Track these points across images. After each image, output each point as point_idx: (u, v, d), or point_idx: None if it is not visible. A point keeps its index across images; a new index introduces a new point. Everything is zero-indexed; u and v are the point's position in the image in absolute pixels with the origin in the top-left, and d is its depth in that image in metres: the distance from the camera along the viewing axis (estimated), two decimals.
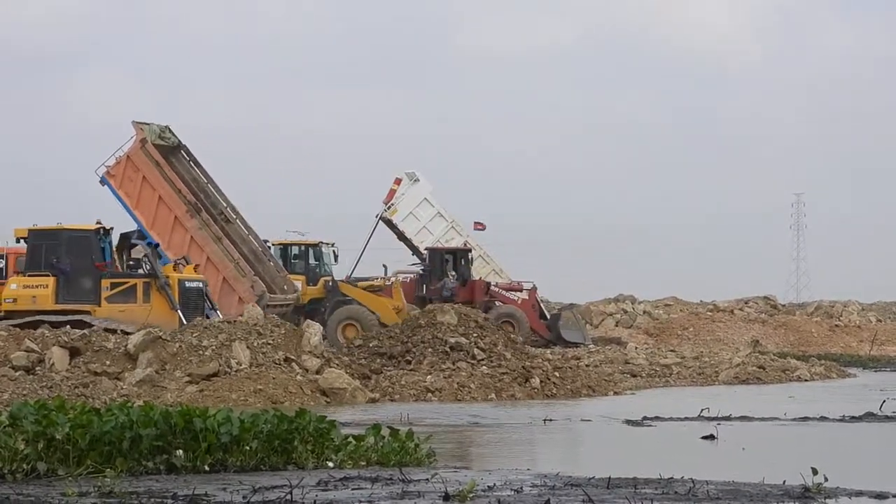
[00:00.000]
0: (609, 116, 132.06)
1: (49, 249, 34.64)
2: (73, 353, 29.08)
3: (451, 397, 29.94)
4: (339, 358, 30.97)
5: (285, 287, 42.93)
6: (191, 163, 41.36)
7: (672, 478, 13.60)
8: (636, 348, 46.62)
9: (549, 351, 42.36)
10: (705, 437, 20.63)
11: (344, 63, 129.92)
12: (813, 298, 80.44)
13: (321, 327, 31.90)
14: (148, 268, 34.97)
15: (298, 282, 46.23)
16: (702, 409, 24.71)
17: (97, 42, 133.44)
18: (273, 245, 47.34)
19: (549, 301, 64.99)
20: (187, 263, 36.62)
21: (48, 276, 34.47)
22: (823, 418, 24.72)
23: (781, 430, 23.05)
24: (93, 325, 32.56)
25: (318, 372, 29.31)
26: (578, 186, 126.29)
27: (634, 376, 38.03)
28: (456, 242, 52.64)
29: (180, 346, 29.17)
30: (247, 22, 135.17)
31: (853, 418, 24.67)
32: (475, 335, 33.02)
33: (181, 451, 13.49)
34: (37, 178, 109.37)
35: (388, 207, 50.70)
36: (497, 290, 51.35)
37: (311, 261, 48.03)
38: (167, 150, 40.86)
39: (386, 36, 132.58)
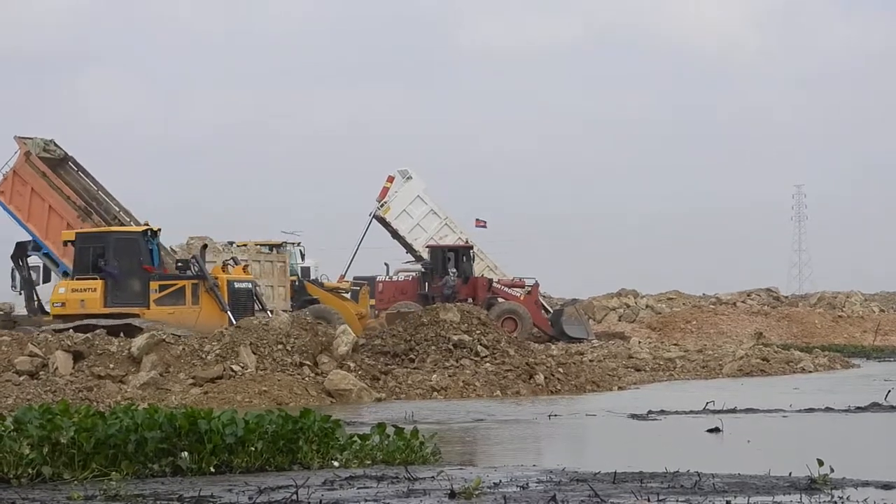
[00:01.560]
0: (609, 112, 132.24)
1: (97, 252, 34.29)
2: (77, 356, 29.09)
3: (457, 395, 29.93)
4: (360, 362, 30.72)
5: None
6: (79, 173, 41.23)
7: (678, 471, 13.60)
8: (639, 343, 46.65)
9: (552, 347, 42.38)
10: (710, 431, 20.62)
11: (344, 62, 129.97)
12: (815, 289, 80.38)
13: (354, 336, 31.59)
14: (196, 269, 34.59)
15: None
16: (707, 403, 24.70)
17: (96, 42, 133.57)
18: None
19: (552, 297, 65.02)
20: (236, 264, 36.38)
21: (96, 279, 34.11)
22: (829, 409, 24.72)
23: (787, 422, 23.04)
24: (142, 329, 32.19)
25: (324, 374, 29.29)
26: (579, 182, 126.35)
27: (638, 371, 38.02)
28: (450, 240, 52.53)
29: (184, 349, 29.18)
30: (246, 22, 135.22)
31: (859, 409, 24.67)
32: (478, 332, 33.01)
33: (186, 453, 13.48)
34: None
35: (382, 205, 50.53)
36: (499, 286, 51.34)
37: None
38: (54, 163, 40.62)
39: (386, 35, 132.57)
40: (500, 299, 50.78)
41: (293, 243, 48.92)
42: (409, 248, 52.93)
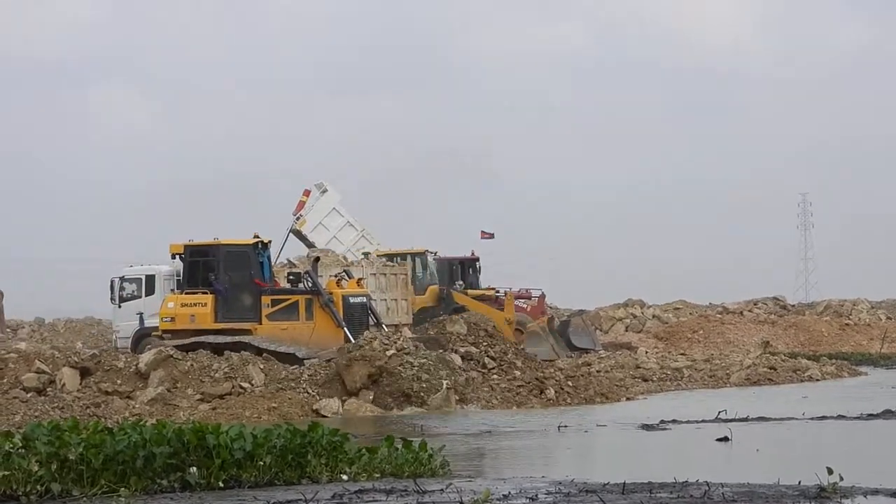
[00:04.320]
0: (614, 118, 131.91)
1: (206, 266, 33.06)
2: (84, 372, 29.07)
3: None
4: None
5: None
6: None
7: (687, 481, 13.56)
8: (646, 353, 46.56)
9: (559, 359, 42.22)
10: (720, 440, 20.59)
11: (349, 69, 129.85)
12: (822, 298, 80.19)
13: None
14: (310, 284, 33.21)
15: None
16: (719, 412, 24.66)
17: (102, 54, 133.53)
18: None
19: (559, 308, 64.90)
20: (349, 278, 35.01)
21: (206, 293, 32.88)
22: (841, 417, 24.68)
23: (799, 430, 23.00)
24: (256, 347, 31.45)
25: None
26: (583, 189, 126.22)
27: (646, 381, 37.97)
28: (367, 251, 51.43)
29: (192, 365, 29.16)
30: (248, 29, 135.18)
31: (871, 416, 24.63)
32: (485, 344, 33.02)
33: (195, 469, 13.46)
34: (46, 190, 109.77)
35: (298, 219, 49.57)
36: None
37: (419, 270, 47.11)
38: None
39: (391, 40, 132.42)
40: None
41: (431, 252, 48.30)
42: None
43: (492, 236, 52.81)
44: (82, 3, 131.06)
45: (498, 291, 48.16)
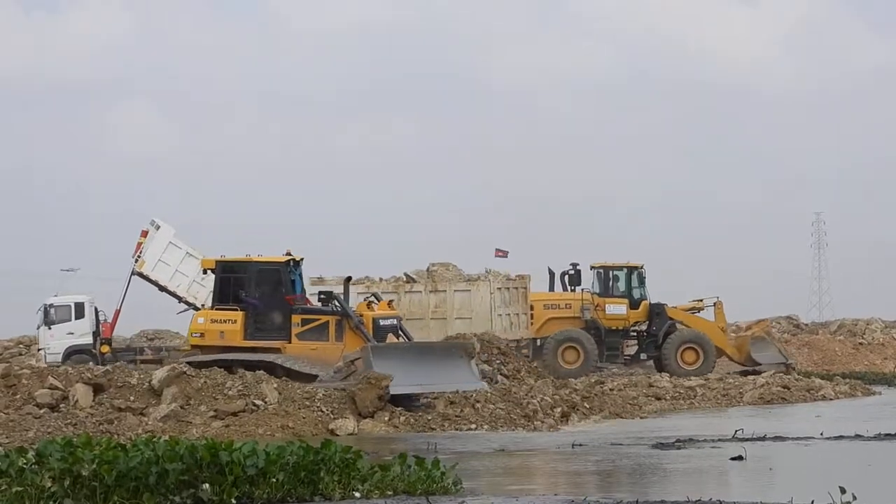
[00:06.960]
0: (628, 134, 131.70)
1: (237, 282, 32.72)
2: (97, 389, 29.09)
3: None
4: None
5: None
6: None
7: (700, 500, 13.55)
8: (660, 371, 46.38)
9: (576, 381, 41.62)
10: (734, 458, 20.56)
11: (372, 92, 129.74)
12: (836, 317, 79.98)
13: None
14: (336, 307, 32.51)
15: (622, 305, 45.35)
16: (736, 430, 24.61)
17: (124, 72, 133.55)
18: (594, 267, 46.31)
19: None
20: (378, 300, 34.24)
21: (236, 310, 32.52)
22: (858, 436, 24.63)
23: (814, 450, 22.94)
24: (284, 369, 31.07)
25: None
26: (595, 206, 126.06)
27: (658, 399, 37.88)
28: (209, 280, 49.06)
29: (205, 382, 29.15)
30: (268, 51, 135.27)
31: (888, 436, 24.57)
32: (498, 362, 32.97)
33: (208, 485, 13.47)
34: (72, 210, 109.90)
35: (136, 261, 48.24)
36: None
37: (634, 284, 46.06)
38: None
39: (409, 64, 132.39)
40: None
41: (639, 266, 46.99)
42: (177, 297, 49.81)
43: (505, 255, 52.28)
44: (105, 23, 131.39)
45: (711, 302, 46.88)
